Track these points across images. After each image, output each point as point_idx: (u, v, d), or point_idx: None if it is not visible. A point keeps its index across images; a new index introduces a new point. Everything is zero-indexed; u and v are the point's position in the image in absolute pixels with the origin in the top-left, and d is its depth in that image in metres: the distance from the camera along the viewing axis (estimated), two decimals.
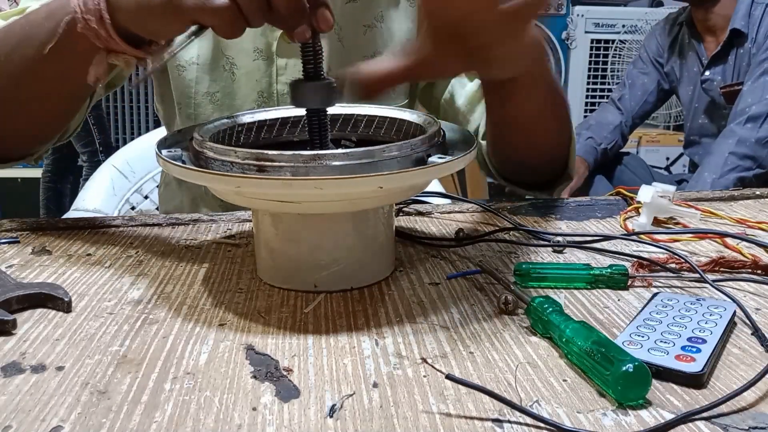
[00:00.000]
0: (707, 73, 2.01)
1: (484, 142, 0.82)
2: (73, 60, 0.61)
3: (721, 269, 0.58)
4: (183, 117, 0.90)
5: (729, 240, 0.64)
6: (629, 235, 0.66)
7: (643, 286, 0.55)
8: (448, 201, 0.81)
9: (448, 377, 0.40)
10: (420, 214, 0.75)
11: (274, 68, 0.87)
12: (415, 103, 1.00)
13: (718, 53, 1.97)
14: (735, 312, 0.48)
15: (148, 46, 0.58)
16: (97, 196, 1.28)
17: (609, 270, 0.54)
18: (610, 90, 3.43)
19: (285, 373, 0.42)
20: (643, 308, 0.49)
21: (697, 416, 0.37)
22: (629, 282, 0.54)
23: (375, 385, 0.41)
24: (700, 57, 2.04)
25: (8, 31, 0.66)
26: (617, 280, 0.54)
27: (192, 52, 0.86)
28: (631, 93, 2.17)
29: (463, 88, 0.89)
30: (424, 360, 0.43)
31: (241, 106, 0.87)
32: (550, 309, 0.46)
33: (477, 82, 0.86)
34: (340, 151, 0.48)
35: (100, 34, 0.56)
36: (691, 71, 2.08)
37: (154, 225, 0.71)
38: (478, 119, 0.86)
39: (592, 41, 3.43)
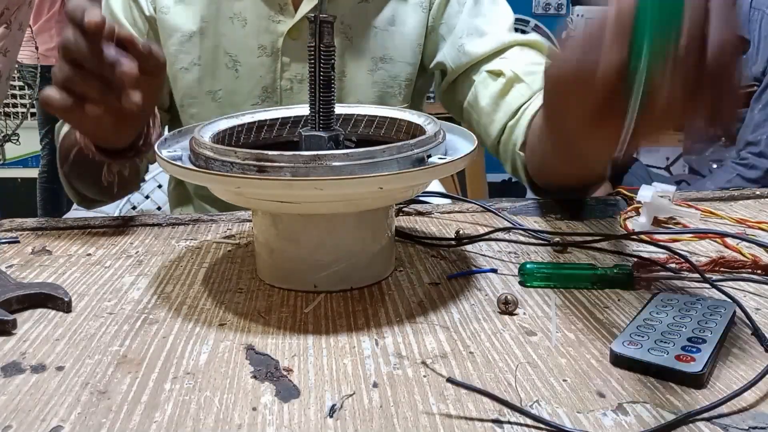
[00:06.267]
0: None
1: (522, 153, 0.77)
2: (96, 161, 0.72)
3: (721, 269, 0.58)
4: (186, 117, 0.91)
5: (729, 240, 0.64)
6: (629, 235, 0.66)
7: (643, 286, 0.55)
8: (448, 201, 0.81)
9: (449, 380, 0.40)
10: (420, 214, 0.75)
11: (279, 64, 0.87)
12: (422, 106, 0.99)
13: None
14: (735, 312, 0.48)
15: (131, 148, 0.69)
16: None
17: (615, 270, 0.54)
18: None
19: (285, 373, 0.42)
20: (643, 308, 0.49)
21: (697, 416, 0.37)
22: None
23: (375, 385, 0.41)
24: None
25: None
26: (623, 281, 0.54)
27: (193, 53, 0.87)
28: None
29: (487, 89, 0.85)
30: (425, 363, 0.43)
31: (244, 103, 0.88)
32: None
33: (501, 81, 0.83)
34: (340, 151, 0.48)
35: (96, 156, 0.68)
36: None
37: (154, 225, 0.71)
38: (502, 119, 0.82)
39: None
